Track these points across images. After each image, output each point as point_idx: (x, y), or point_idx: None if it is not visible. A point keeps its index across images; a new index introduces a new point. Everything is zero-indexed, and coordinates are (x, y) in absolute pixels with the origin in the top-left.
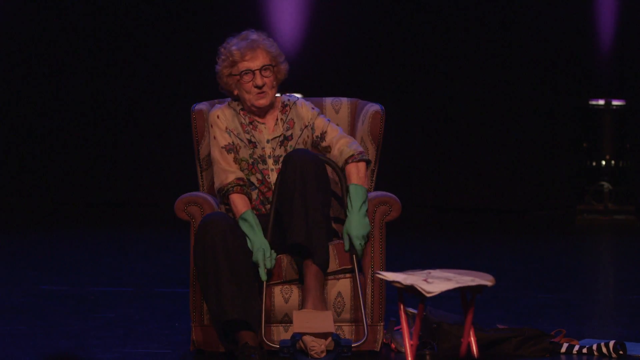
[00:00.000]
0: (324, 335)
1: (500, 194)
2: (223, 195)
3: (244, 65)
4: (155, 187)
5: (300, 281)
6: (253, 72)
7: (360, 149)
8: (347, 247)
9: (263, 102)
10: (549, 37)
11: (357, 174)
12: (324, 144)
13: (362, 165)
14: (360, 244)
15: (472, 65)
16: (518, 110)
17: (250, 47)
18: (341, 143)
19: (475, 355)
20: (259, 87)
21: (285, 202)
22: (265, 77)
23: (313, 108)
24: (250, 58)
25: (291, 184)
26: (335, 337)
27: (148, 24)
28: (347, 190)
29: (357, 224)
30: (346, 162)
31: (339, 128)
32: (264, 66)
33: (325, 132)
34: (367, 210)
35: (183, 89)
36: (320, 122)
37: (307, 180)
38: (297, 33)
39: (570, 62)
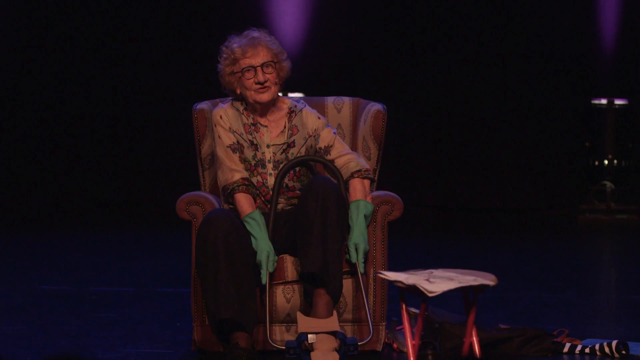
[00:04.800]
0: (329, 335)
1: (503, 193)
2: (228, 194)
3: (245, 62)
4: (156, 187)
5: (305, 296)
6: (255, 68)
7: (367, 166)
8: (354, 258)
9: (264, 96)
10: (551, 36)
11: (363, 190)
12: (328, 157)
13: (367, 182)
14: (363, 256)
15: (474, 65)
16: (520, 110)
17: (251, 44)
18: (348, 157)
19: (478, 355)
20: (261, 84)
21: (304, 230)
22: (267, 73)
23: (319, 117)
24: (252, 55)
25: (312, 214)
26: (341, 336)
27: (149, 23)
28: (354, 205)
29: (365, 238)
30: (351, 175)
31: (345, 144)
32: (265, 63)
33: (332, 146)
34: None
35: (184, 89)
36: (326, 135)
37: (328, 212)
38: (299, 32)
39: (572, 61)
